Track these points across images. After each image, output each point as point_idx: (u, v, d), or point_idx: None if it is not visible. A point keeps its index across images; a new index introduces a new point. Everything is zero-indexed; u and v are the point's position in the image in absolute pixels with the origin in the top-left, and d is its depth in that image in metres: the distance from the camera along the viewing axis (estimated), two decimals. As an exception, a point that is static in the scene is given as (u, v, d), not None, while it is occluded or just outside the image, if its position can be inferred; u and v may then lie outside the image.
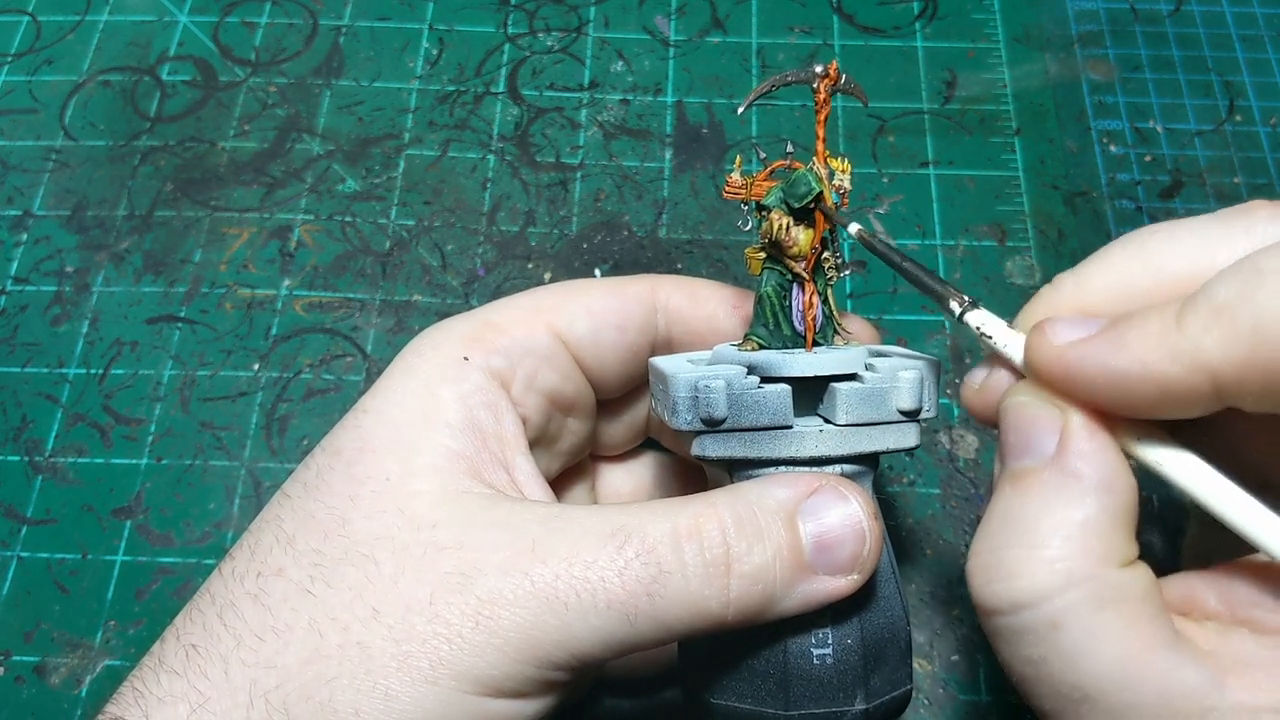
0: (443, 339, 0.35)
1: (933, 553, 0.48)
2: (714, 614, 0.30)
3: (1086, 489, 0.28)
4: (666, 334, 0.38)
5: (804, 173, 0.34)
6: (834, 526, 0.31)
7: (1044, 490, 0.28)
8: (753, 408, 0.32)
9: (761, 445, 0.32)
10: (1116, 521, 0.28)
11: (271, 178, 0.59)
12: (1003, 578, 0.28)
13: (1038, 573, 0.27)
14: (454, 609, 0.29)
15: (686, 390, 0.32)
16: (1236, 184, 0.58)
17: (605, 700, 0.45)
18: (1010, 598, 0.28)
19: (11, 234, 0.58)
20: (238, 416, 0.52)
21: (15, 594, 0.48)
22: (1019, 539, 0.28)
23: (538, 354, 0.36)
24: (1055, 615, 0.27)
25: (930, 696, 0.45)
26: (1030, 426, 0.29)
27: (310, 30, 0.65)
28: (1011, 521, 0.29)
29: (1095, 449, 0.28)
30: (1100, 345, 0.28)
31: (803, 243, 0.34)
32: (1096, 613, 0.27)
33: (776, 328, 0.35)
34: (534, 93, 0.62)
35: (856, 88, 0.37)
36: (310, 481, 0.32)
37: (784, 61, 0.63)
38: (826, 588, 0.31)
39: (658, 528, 0.30)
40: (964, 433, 0.51)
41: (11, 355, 0.54)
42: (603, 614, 0.29)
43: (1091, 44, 0.63)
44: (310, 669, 0.28)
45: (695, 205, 0.58)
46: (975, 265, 0.56)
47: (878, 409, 0.32)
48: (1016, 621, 0.28)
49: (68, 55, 0.64)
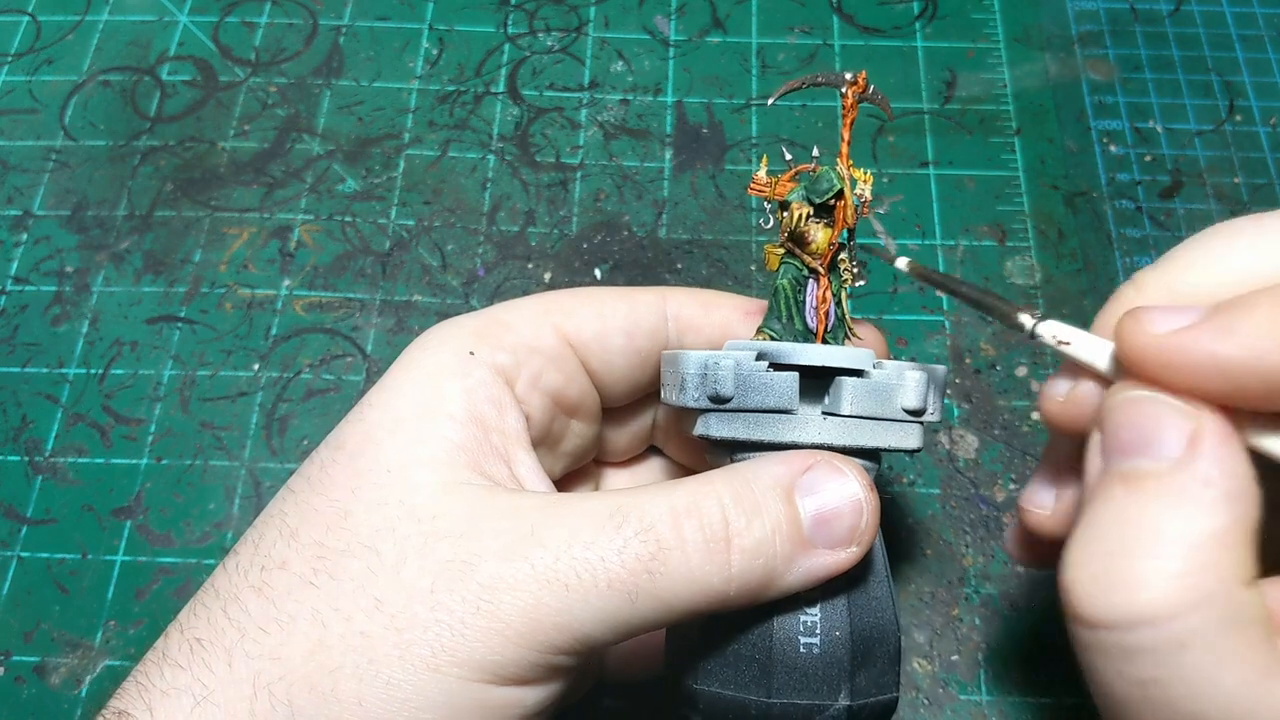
0: (449, 334, 0.35)
1: (933, 553, 0.48)
2: (716, 590, 0.30)
3: (1218, 497, 0.25)
4: (678, 342, 0.38)
5: (827, 170, 0.34)
6: (831, 500, 0.31)
7: (1168, 494, 0.26)
8: (759, 389, 0.32)
9: (765, 428, 0.32)
10: (1244, 534, 0.25)
11: (271, 178, 0.59)
12: (1118, 588, 0.25)
13: (1164, 586, 0.25)
14: (455, 596, 0.29)
15: (696, 367, 0.32)
16: (1236, 184, 0.58)
17: (605, 701, 0.45)
18: (1128, 612, 0.25)
19: (11, 234, 0.58)
20: (238, 416, 0.52)
21: (15, 594, 0.48)
22: (1138, 548, 0.25)
23: (544, 354, 0.36)
24: (1182, 635, 0.24)
25: (930, 696, 0.45)
26: (1152, 425, 0.27)
27: (310, 30, 0.65)
28: (1127, 527, 0.26)
29: (1226, 452, 0.26)
30: (1205, 333, 0.26)
31: (821, 239, 0.34)
32: (1225, 635, 0.24)
33: (789, 321, 0.35)
34: (534, 93, 0.62)
35: (883, 100, 0.37)
36: (314, 476, 0.32)
37: (784, 61, 0.63)
38: (826, 562, 0.31)
39: (655, 506, 0.30)
40: (964, 433, 0.51)
41: (11, 355, 0.54)
42: (604, 594, 0.29)
43: (1091, 44, 0.63)
44: (314, 659, 0.28)
45: (695, 205, 0.58)
46: (975, 265, 0.56)
47: (882, 405, 0.32)
48: (1132, 639, 0.25)
49: (68, 55, 0.64)
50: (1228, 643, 0.24)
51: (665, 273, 0.56)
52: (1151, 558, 0.25)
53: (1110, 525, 0.26)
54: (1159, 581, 0.25)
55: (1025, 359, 0.53)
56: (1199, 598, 0.25)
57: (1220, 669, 0.24)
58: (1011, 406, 0.52)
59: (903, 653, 0.42)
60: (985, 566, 0.48)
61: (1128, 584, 0.25)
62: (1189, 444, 0.26)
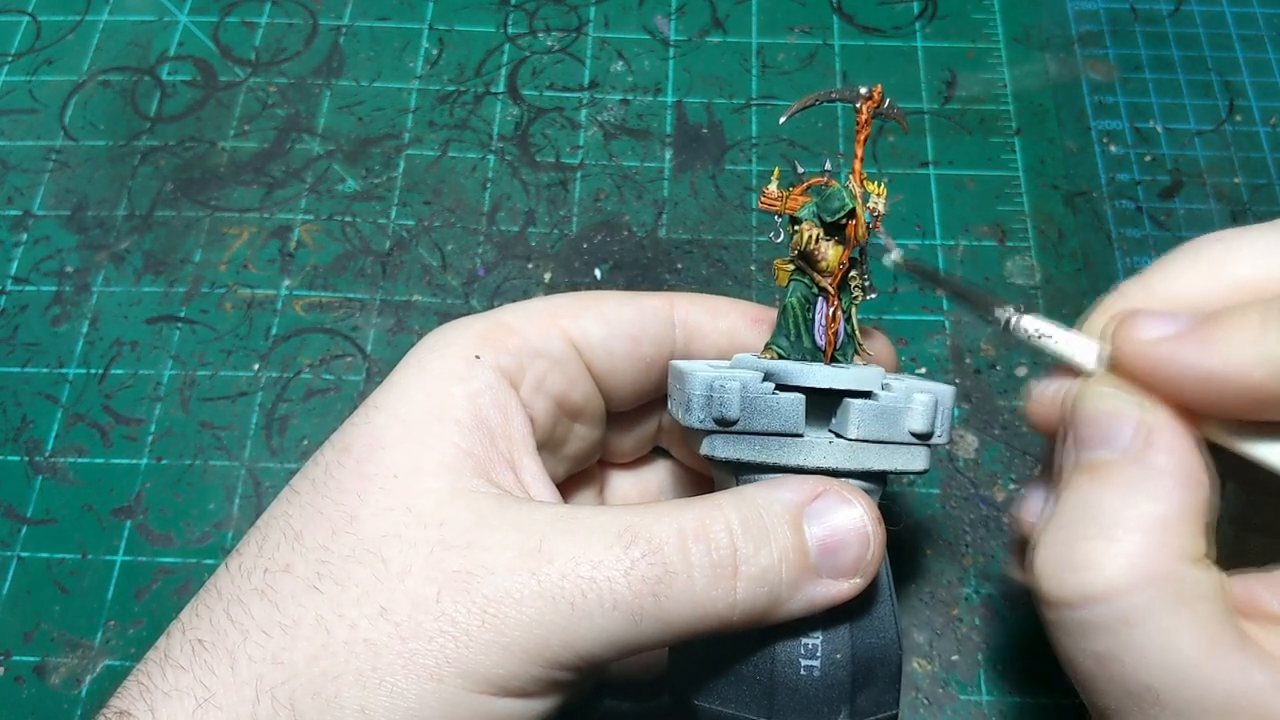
0: (455, 337, 0.35)
1: (933, 553, 0.48)
2: (720, 615, 0.30)
3: (1167, 483, 0.27)
4: (685, 348, 0.38)
5: (839, 189, 0.34)
6: (839, 530, 0.31)
7: (1123, 482, 0.28)
8: (765, 412, 0.32)
9: (770, 451, 0.32)
10: (1194, 517, 0.27)
11: (271, 178, 0.59)
12: (1075, 569, 0.27)
13: (1113, 565, 0.27)
14: (461, 607, 0.29)
15: (702, 389, 0.32)
16: (1236, 184, 0.58)
17: (606, 701, 0.45)
18: (1082, 590, 0.27)
19: (11, 234, 0.58)
20: (238, 416, 0.52)
21: (15, 594, 0.48)
22: (1094, 531, 0.27)
23: (549, 357, 0.36)
24: (1130, 611, 0.26)
25: (930, 696, 0.45)
26: (1110, 418, 0.29)
27: (310, 30, 0.65)
28: (1086, 513, 0.28)
29: (1177, 443, 0.28)
30: (1190, 344, 0.27)
31: (831, 258, 0.34)
32: (1173, 610, 0.26)
33: (798, 339, 0.35)
34: (534, 93, 0.62)
35: (899, 114, 0.37)
36: (319, 478, 0.32)
37: (784, 61, 0.63)
38: (830, 591, 0.31)
39: (664, 528, 0.30)
40: (964, 433, 0.51)
41: (11, 355, 0.54)
42: (609, 614, 0.29)
43: (1091, 44, 0.63)
44: (317, 665, 0.28)
45: (695, 205, 0.58)
46: (975, 265, 0.56)
47: (889, 428, 0.32)
48: (1087, 615, 0.27)
49: (68, 55, 0.64)
50: (1175, 618, 0.26)
51: (665, 273, 0.56)
52: (1104, 539, 0.27)
53: (1073, 511, 0.28)
54: (1110, 561, 0.27)
55: (1025, 359, 0.53)
56: (1146, 576, 0.26)
57: (1168, 643, 0.26)
58: (1011, 406, 0.52)
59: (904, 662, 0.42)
60: (985, 566, 0.48)
61: (1083, 564, 0.27)
62: (1143, 436, 0.28)
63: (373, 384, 0.53)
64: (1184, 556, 0.27)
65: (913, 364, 0.53)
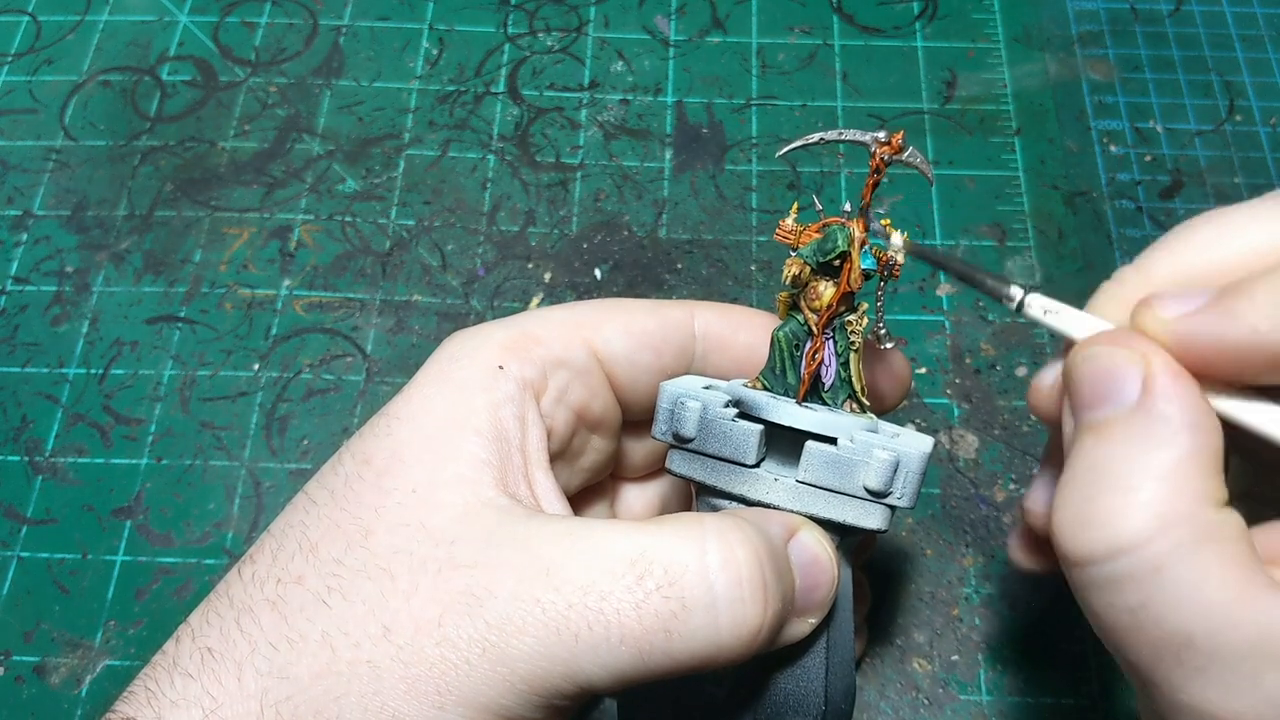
0: (479, 345, 0.35)
1: (933, 553, 0.48)
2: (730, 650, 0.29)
3: (1176, 430, 0.27)
4: (704, 360, 0.38)
5: (835, 230, 0.33)
6: (814, 568, 0.31)
7: (1131, 435, 0.28)
8: (719, 436, 0.32)
9: (719, 475, 0.33)
10: (1208, 461, 0.27)
11: (271, 178, 0.59)
12: (1097, 525, 0.27)
13: (1135, 516, 0.27)
14: (462, 632, 0.28)
15: (668, 402, 0.33)
16: (1236, 184, 0.58)
17: (606, 701, 0.45)
18: (1106, 544, 0.27)
19: (11, 234, 0.58)
20: (238, 416, 0.52)
21: (15, 594, 0.48)
22: (1110, 486, 0.27)
23: (572, 368, 0.35)
24: (1157, 558, 0.26)
25: (930, 696, 0.45)
26: (1108, 376, 0.29)
27: (310, 30, 0.65)
28: (1099, 470, 0.28)
29: (1181, 390, 0.28)
30: (1212, 317, 0.28)
31: (825, 297, 0.34)
32: (1198, 553, 0.26)
33: (781, 374, 0.34)
34: (534, 93, 0.62)
35: (923, 163, 0.35)
36: (338, 489, 0.32)
37: (784, 61, 0.63)
38: (797, 630, 0.31)
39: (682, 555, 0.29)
40: (964, 433, 0.51)
41: (11, 355, 0.54)
42: (615, 649, 0.28)
43: (1091, 44, 0.63)
44: (320, 684, 0.28)
45: (695, 205, 0.58)
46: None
47: (841, 478, 0.32)
48: (1114, 569, 0.27)
49: (68, 55, 0.64)
50: (1202, 559, 0.26)
51: (665, 273, 0.56)
52: (1121, 492, 0.27)
53: (1085, 471, 0.28)
54: (1130, 512, 0.27)
55: (1025, 359, 0.53)
56: (1168, 522, 0.26)
57: (1198, 584, 0.26)
58: (1011, 406, 0.52)
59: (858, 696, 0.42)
60: (985, 566, 0.48)
61: (1103, 519, 0.27)
62: (1143, 386, 0.28)
63: (373, 384, 0.53)
64: (1204, 499, 0.27)
65: (913, 364, 0.53)
